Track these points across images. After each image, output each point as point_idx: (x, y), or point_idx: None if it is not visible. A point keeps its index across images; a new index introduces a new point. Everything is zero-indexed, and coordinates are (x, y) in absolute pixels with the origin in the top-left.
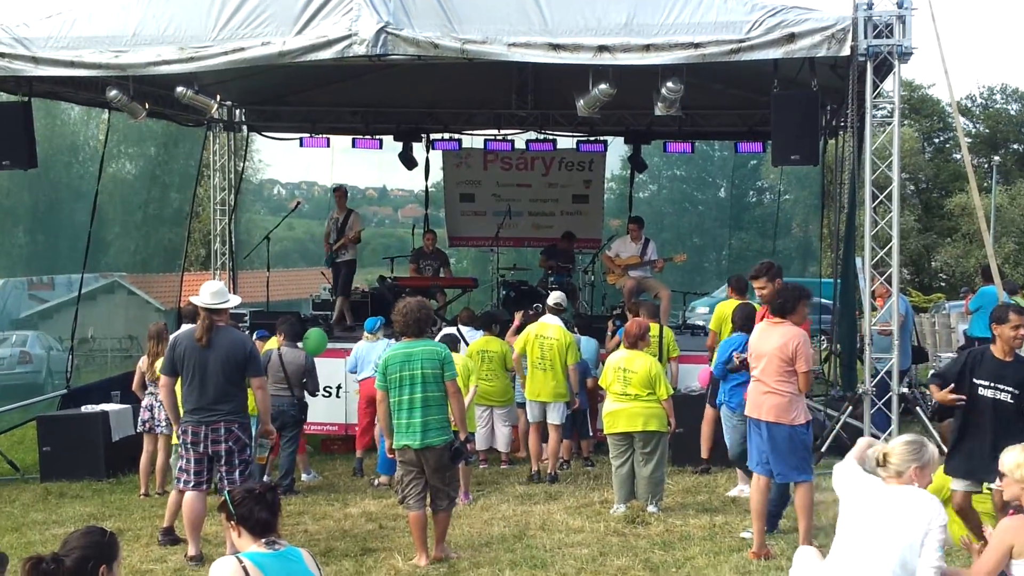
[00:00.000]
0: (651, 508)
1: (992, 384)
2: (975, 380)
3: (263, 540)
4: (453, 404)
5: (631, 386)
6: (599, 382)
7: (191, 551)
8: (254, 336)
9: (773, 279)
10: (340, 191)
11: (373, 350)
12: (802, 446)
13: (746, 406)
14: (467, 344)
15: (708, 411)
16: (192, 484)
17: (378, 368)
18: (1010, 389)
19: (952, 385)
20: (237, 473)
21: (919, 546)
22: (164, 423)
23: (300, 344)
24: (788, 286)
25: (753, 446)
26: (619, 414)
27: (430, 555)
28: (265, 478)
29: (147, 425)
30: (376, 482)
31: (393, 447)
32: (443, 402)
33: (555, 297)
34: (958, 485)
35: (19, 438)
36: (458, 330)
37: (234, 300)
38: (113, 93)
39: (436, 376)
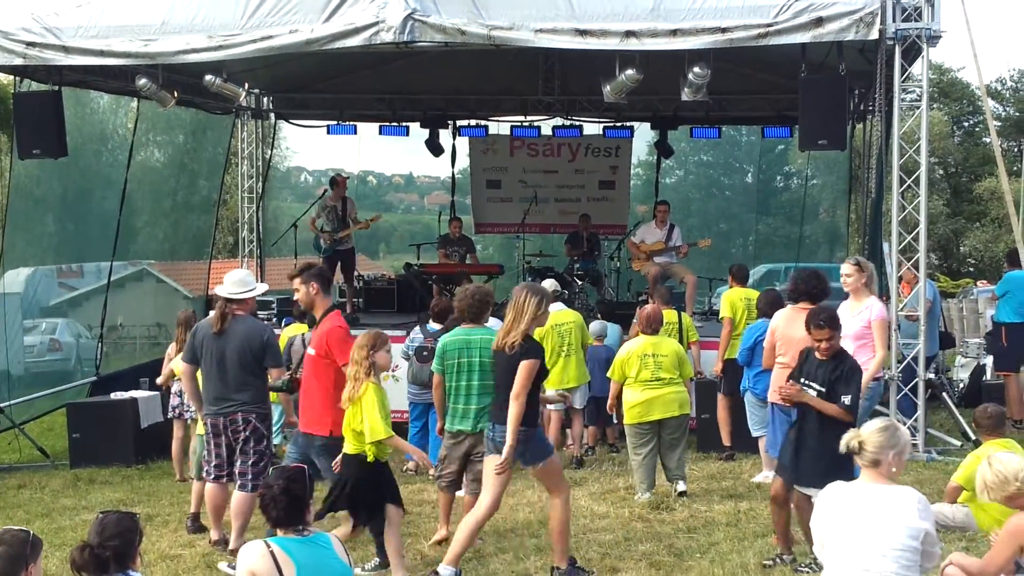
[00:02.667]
0: (681, 486)
1: None
2: None
3: (288, 528)
4: None
5: (663, 370)
6: (611, 375)
7: (214, 536)
8: (282, 323)
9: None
10: (342, 179)
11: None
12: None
13: (770, 392)
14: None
15: (722, 399)
16: (213, 476)
17: (436, 352)
18: None
19: None
20: (251, 464)
21: (913, 542)
22: (193, 409)
23: None
24: (812, 272)
25: (779, 431)
26: (654, 402)
27: (452, 533)
28: None
29: (176, 411)
30: (404, 468)
31: (446, 429)
32: None
33: (550, 285)
34: None
35: (49, 425)
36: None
37: (260, 288)
38: (142, 82)
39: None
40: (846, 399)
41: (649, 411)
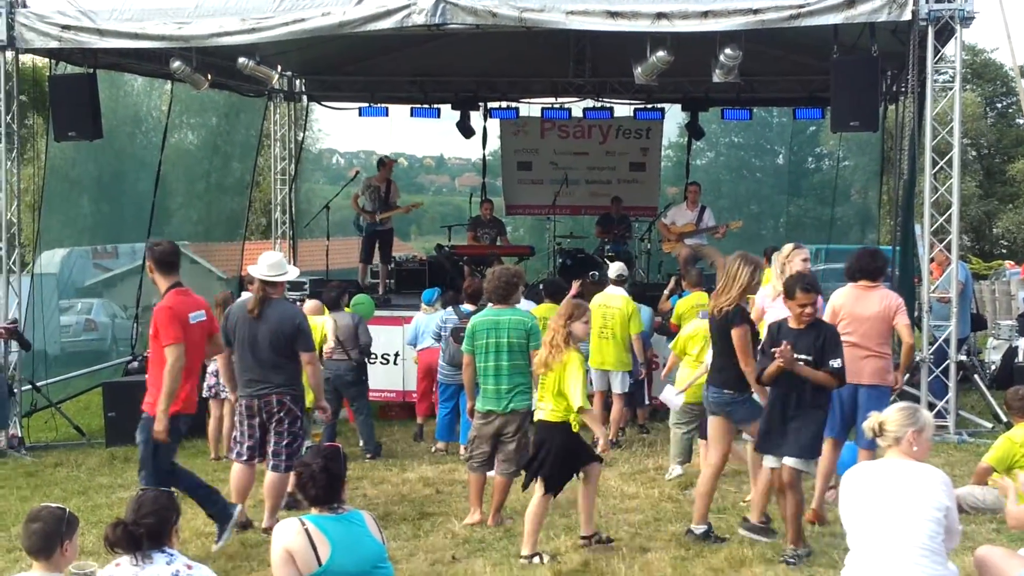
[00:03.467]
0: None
1: None
2: None
3: (324, 506)
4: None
5: None
6: (673, 347)
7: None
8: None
9: None
10: (390, 161)
11: (432, 321)
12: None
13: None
14: None
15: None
16: (245, 458)
17: (466, 332)
18: None
19: None
20: (284, 444)
21: (939, 515)
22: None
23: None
24: (870, 250)
25: (840, 411)
26: None
27: (484, 515)
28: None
29: (213, 391)
30: (435, 448)
31: (476, 409)
32: (527, 370)
33: (616, 269)
34: None
35: (85, 404)
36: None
37: (292, 272)
38: (176, 64)
39: (522, 346)
40: (835, 363)
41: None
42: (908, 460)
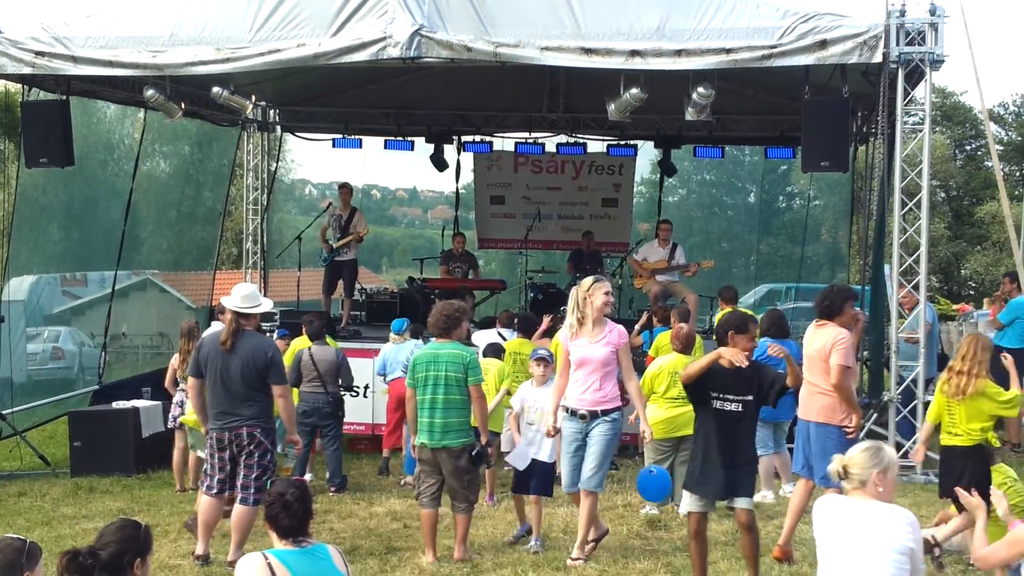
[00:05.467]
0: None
1: None
2: None
3: (289, 539)
4: (476, 409)
5: None
6: (641, 386)
7: (199, 550)
8: (275, 336)
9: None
10: (346, 188)
11: (401, 351)
12: (847, 448)
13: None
14: None
15: None
16: (215, 491)
17: (409, 366)
18: None
19: None
20: (253, 477)
21: (901, 558)
22: None
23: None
24: (835, 287)
25: (799, 449)
26: (679, 419)
27: (437, 554)
28: (307, 476)
29: (178, 421)
30: (403, 481)
31: (415, 443)
32: (465, 405)
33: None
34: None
35: (50, 433)
36: (498, 333)
37: (266, 304)
38: (150, 92)
39: (459, 380)
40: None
41: (675, 428)
42: (873, 501)
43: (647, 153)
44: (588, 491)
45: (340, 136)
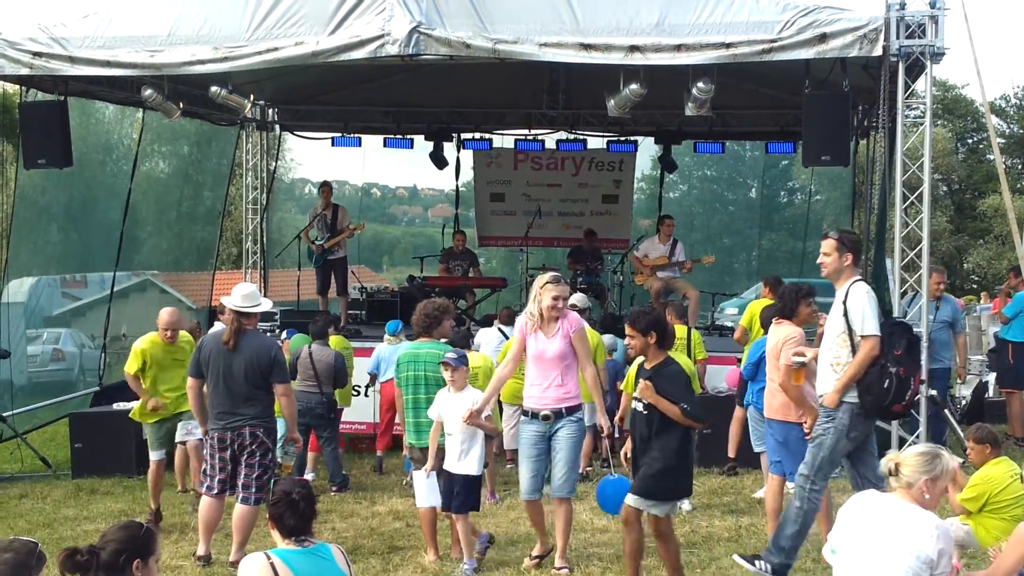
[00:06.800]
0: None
1: None
2: None
3: (292, 538)
4: None
5: None
6: (624, 387)
7: (200, 550)
8: (283, 336)
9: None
10: (327, 186)
11: (395, 352)
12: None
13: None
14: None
15: (737, 411)
16: (216, 491)
17: (394, 365)
18: None
19: None
20: (255, 477)
21: (920, 565)
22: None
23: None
24: (789, 287)
25: (769, 447)
26: None
27: (439, 552)
28: (308, 475)
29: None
30: (406, 481)
31: (405, 443)
32: None
33: (574, 299)
34: None
35: (51, 435)
36: (499, 330)
37: (265, 304)
38: (148, 92)
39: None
40: (683, 404)
41: None
42: (911, 504)
43: (647, 149)
44: (561, 498)
45: (339, 134)
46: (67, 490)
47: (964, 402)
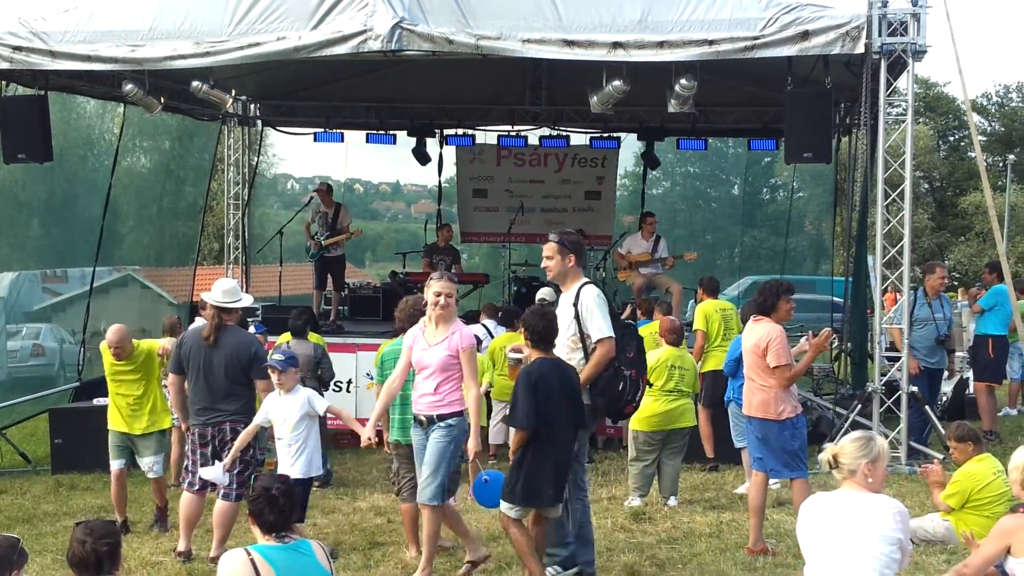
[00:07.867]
0: (672, 502)
1: None
2: None
3: (273, 534)
4: None
5: (684, 383)
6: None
7: (181, 546)
8: (252, 331)
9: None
10: (326, 188)
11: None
12: (791, 441)
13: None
14: (492, 337)
15: (701, 412)
16: (197, 487)
17: (376, 363)
18: None
19: None
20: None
21: (890, 547)
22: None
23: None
24: (768, 284)
25: (750, 443)
26: (672, 413)
27: (420, 548)
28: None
29: None
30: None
31: (387, 441)
32: None
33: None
34: None
35: (31, 430)
36: (483, 325)
37: (246, 299)
38: (129, 87)
39: None
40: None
41: (669, 421)
42: (862, 491)
43: (630, 145)
44: (424, 504)
45: (322, 130)
46: (47, 486)
47: (945, 399)
